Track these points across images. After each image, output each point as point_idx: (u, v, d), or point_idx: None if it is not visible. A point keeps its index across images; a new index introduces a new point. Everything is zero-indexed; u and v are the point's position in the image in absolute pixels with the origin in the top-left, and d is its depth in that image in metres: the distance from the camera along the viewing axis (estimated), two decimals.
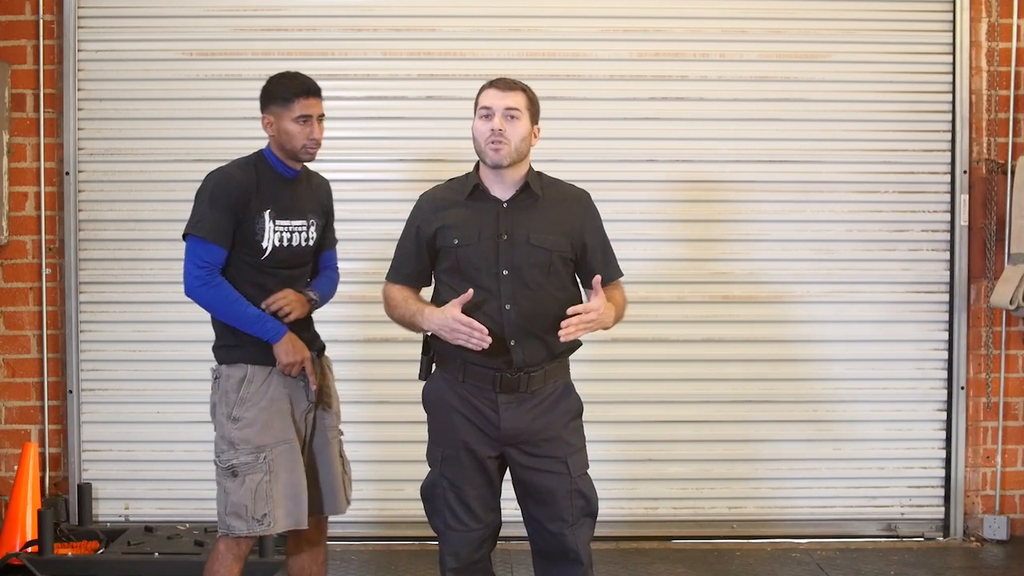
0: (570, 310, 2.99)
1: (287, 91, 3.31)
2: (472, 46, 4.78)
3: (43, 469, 4.75)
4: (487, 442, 3.12)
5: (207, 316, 3.36)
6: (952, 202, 4.86)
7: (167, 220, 4.68)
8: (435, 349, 3.19)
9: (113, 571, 4.20)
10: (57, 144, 4.75)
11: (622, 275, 3.31)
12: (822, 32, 4.83)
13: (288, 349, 3.28)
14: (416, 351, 3.27)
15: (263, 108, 3.36)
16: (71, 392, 4.77)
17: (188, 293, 3.27)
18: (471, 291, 3.00)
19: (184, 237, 3.29)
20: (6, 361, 4.80)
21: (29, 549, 4.28)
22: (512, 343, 3.06)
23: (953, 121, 4.84)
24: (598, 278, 3.05)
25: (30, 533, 4.39)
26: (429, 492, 3.19)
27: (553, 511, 3.14)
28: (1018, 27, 4.82)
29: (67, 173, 4.73)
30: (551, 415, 3.15)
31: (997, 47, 4.80)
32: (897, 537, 4.90)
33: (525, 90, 3.17)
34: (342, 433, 3.53)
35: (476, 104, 3.17)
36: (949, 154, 4.86)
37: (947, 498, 4.92)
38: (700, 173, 4.83)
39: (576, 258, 3.20)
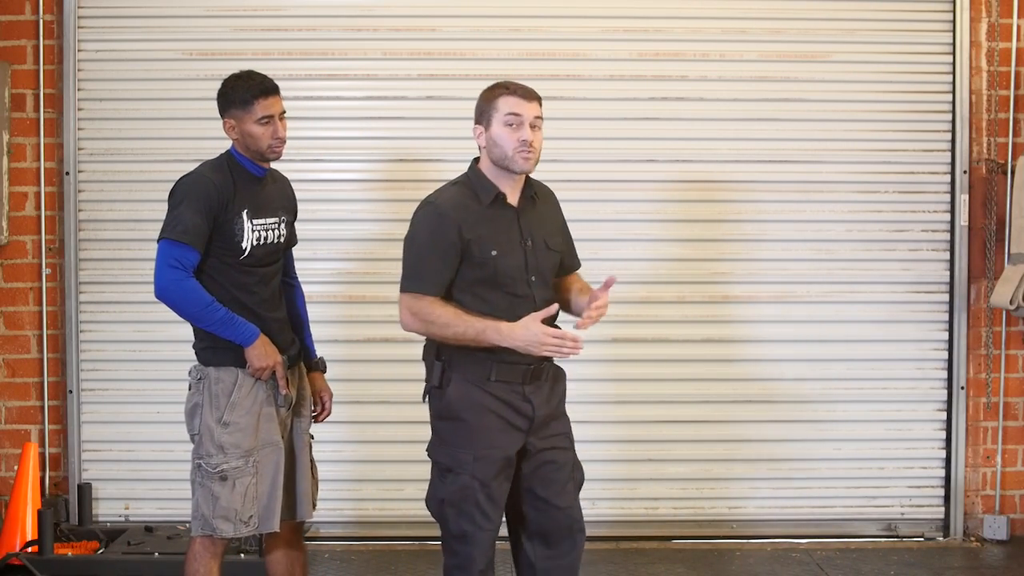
0: (590, 304, 3.12)
1: (246, 93, 3.27)
2: (472, 46, 4.78)
3: (43, 469, 4.76)
4: (517, 437, 3.17)
5: None
6: (952, 202, 4.86)
7: None
8: (449, 356, 3.15)
9: (113, 571, 4.20)
10: (57, 144, 4.75)
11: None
12: (822, 32, 4.83)
13: (260, 353, 3.25)
14: (414, 351, 3.26)
15: (223, 113, 3.32)
16: (71, 392, 4.77)
17: (159, 295, 3.21)
18: (556, 306, 3.10)
19: (158, 241, 3.24)
20: (6, 361, 4.81)
21: (29, 549, 4.28)
22: None
23: (953, 121, 4.84)
24: (613, 277, 3.12)
25: (30, 533, 4.38)
26: (458, 496, 3.13)
27: (560, 486, 3.24)
28: (1018, 27, 4.82)
29: (67, 173, 4.73)
30: (556, 394, 3.27)
31: (997, 47, 4.80)
32: (897, 537, 4.90)
33: (539, 99, 3.22)
34: (312, 437, 3.52)
35: (493, 109, 3.14)
36: (949, 154, 4.86)
37: (947, 498, 4.92)
38: (700, 173, 4.83)
39: None
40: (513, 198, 3.19)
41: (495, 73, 4.70)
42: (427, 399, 3.24)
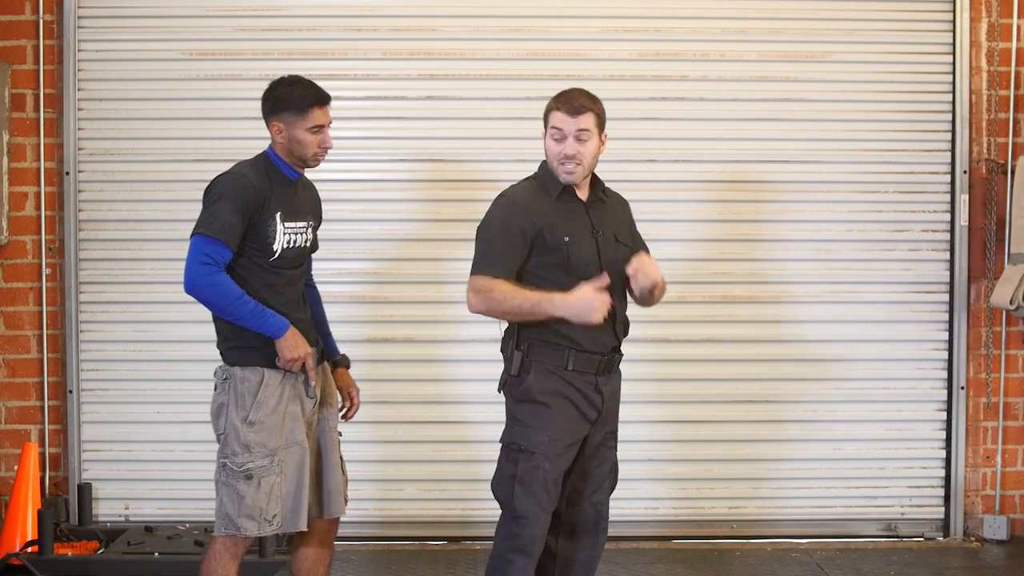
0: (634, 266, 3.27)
1: (302, 101, 3.29)
2: (472, 46, 4.78)
3: (43, 469, 4.75)
4: (585, 427, 3.31)
5: (208, 315, 3.34)
6: (952, 202, 4.86)
7: (167, 220, 4.68)
8: (528, 345, 3.27)
9: (113, 571, 4.20)
10: (57, 144, 4.75)
11: None
12: (822, 32, 4.83)
13: (291, 344, 3.27)
14: (413, 352, 3.27)
15: (272, 115, 3.32)
16: (71, 392, 4.77)
17: (189, 289, 3.22)
18: (606, 276, 3.21)
19: (191, 236, 3.24)
20: (6, 361, 4.81)
21: (29, 549, 4.28)
22: (616, 329, 3.35)
23: (953, 121, 4.84)
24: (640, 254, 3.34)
25: (30, 533, 4.39)
26: (528, 475, 3.24)
27: (598, 483, 3.40)
28: (1018, 27, 4.82)
29: (67, 173, 4.73)
30: (615, 391, 3.41)
31: (997, 47, 4.81)
32: (897, 537, 4.90)
33: (593, 109, 3.33)
34: (340, 434, 3.54)
35: (546, 121, 3.33)
36: (949, 154, 4.86)
37: (947, 498, 4.92)
38: (700, 173, 4.83)
39: None
40: (582, 193, 3.36)
41: (495, 73, 4.75)
42: (505, 389, 3.35)
